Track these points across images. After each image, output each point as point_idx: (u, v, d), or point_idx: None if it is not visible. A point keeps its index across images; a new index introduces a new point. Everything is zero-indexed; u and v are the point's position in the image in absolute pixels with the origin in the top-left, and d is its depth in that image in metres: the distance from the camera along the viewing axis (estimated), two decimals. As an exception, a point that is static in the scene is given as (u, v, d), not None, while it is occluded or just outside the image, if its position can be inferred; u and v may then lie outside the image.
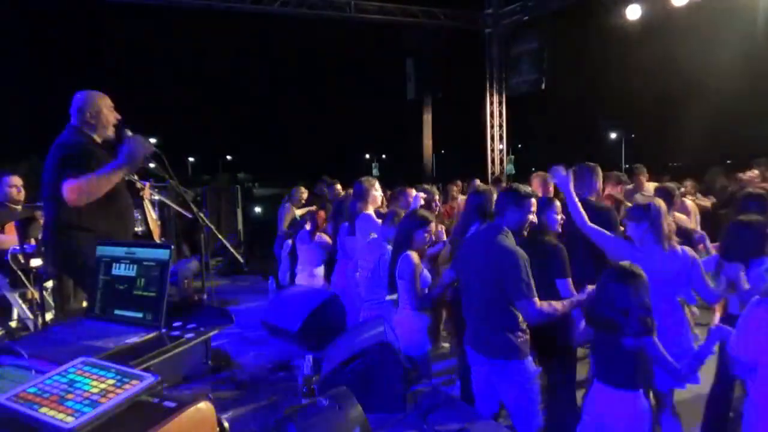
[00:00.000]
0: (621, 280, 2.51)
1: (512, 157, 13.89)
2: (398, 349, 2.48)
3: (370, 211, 4.68)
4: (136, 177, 3.58)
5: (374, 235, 4.22)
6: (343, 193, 7.40)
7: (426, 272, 3.48)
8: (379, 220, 4.46)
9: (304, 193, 7.43)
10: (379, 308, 3.83)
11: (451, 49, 13.79)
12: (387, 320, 3.80)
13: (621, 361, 2.49)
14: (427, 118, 14.13)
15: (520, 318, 2.82)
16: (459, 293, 3.34)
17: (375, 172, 18.67)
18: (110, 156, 3.27)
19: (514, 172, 13.75)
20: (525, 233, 3.07)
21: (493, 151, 13.63)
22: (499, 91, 13.25)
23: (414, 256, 3.42)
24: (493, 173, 13.26)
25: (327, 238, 5.55)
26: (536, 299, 2.74)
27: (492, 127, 13.50)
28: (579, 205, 3.56)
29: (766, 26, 9.22)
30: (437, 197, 5.28)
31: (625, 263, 2.61)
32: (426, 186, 5.59)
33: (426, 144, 14.41)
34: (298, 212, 7.14)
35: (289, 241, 6.50)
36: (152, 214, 3.81)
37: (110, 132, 3.25)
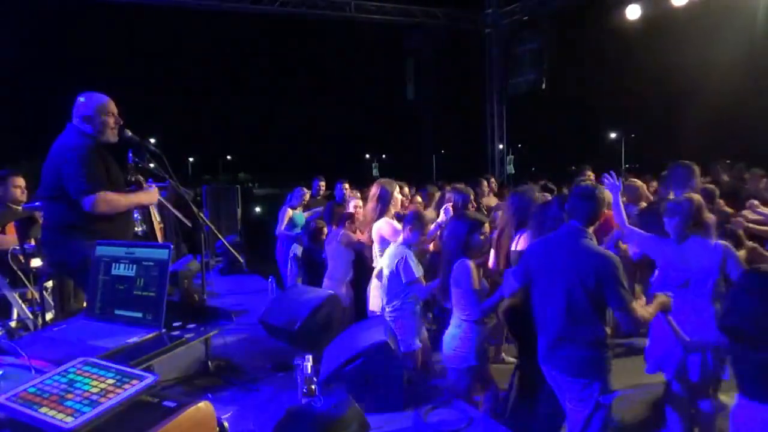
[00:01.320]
0: (749, 289, 2.31)
1: (512, 157, 13.88)
2: (398, 350, 2.48)
3: (391, 215, 4.40)
4: (142, 178, 3.58)
5: (400, 240, 3.99)
6: (351, 193, 7.27)
7: (484, 280, 3.29)
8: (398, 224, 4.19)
9: (306, 195, 7.12)
10: (402, 316, 3.68)
11: (451, 49, 13.80)
12: (410, 328, 3.68)
13: (761, 373, 2.29)
14: (427, 118, 14.13)
15: (608, 331, 2.63)
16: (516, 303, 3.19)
17: (375, 172, 18.64)
18: (111, 157, 3.27)
19: (514, 172, 13.75)
20: None
21: (493, 151, 13.63)
22: (499, 91, 13.25)
23: (470, 262, 3.21)
24: (506, 178, 13.09)
25: (354, 237, 5.08)
26: (635, 304, 2.57)
27: (492, 127, 13.50)
28: (620, 207, 3.52)
29: (766, 26, 9.22)
30: (473, 197, 4.85)
31: (759, 268, 2.42)
32: (459, 186, 5.05)
33: (426, 144, 14.41)
34: (305, 214, 6.84)
35: (296, 245, 6.23)
36: (156, 216, 3.80)
37: (112, 136, 3.25)
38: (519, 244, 3.66)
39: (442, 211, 4.39)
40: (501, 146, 13.60)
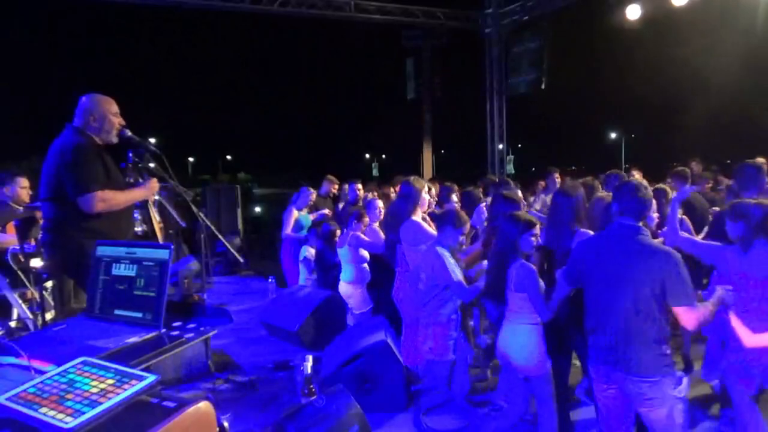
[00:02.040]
0: None
1: (512, 157, 13.88)
2: (398, 350, 2.49)
3: (418, 216, 4.13)
4: (141, 179, 3.59)
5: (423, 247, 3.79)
6: (364, 194, 6.85)
7: (540, 280, 3.18)
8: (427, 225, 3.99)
9: (313, 195, 6.84)
10: (437, 322, 3.41)
11: (451, 49, 13.80)
12: (445, 337, 3.41)
13: None
14: (427, 118, 14.12)
15: (668, 328, 2.59)
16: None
17: (375, 172, 18.64)
18: (110, 158, 3.27)
19: (513, 172, 13.75)
20: None
21: (493, 151, 13.64)
22: (499, 91, 13.24)
23: (530, 264, 3.12)
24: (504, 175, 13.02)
25: (364, 238, 4.86)
26: (697, 302, 2.52)
27: (492, 127, 13.49)
28: (676, 216, 3.45)
29: (766, 26, 9.22)
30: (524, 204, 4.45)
31: None
32: (508, 193, 4.50)
33: (426, 144, 14.41)
34: (311, 216, 6.61)
35: (307, 247, 6.00)
36: (155, 215, 3.80)
37: (113, 137, 3.25)
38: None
39: (475, 214, 4.20)
40: (501, 146, 13.59)
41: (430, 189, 4.76)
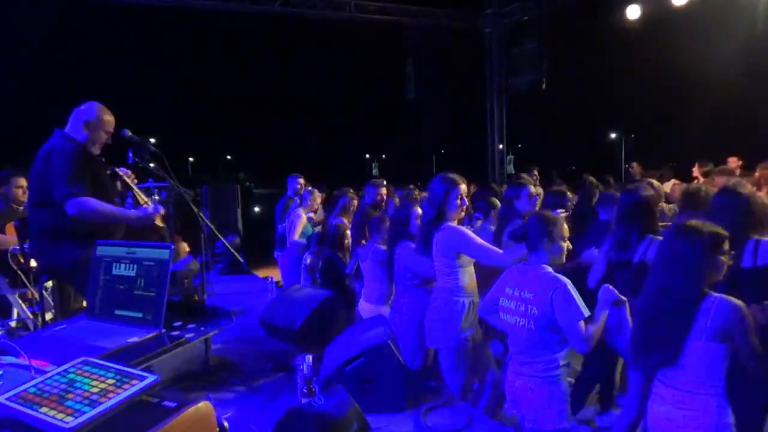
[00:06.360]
0: None
1: (512, 157, 13.89)
2: (398, 349, 2.48)
3: (455, 222, 3.25)
4: (115, 170, 3.56)
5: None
6: (355, 197, 6.70)
7: None
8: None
9: (318, 197, 6.42)
10: (551, 379, 2.43)
11: (451, 49, 13.78)
12: (563, 399, 2.48)
13: None
14: (427, 118, 14.12)
15: None
16: None
17: (375, 172, 18.61)
18: (100, 163, 3.26)
19: (514, 172, 13.75)
20: None
21: (493, 151, 13.64)
22: (499, 91, 13.25)
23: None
24: (506, 178, 12.98)
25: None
26: None
27: (492, 127, 13.50)
28: None
29: (767, 26, 9.22)
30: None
31: None
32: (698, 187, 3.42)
33: (426, 144, 14.41)
34: (311, 215, 6.20)
35: (309, 255, 5.59)
36: (143, 197, 3.73)
37: (98, 149, 3.25)
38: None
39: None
40: (501, 146, 13.60)
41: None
